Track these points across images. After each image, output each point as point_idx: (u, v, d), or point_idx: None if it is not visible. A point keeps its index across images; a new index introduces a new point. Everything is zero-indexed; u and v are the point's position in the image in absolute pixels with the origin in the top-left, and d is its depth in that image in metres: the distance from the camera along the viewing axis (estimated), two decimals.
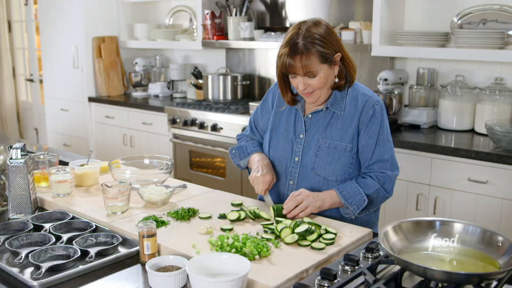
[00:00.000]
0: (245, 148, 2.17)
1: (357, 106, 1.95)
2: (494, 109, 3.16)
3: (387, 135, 1.97)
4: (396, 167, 1.98)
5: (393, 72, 3.48)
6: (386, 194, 1.97)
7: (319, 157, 1.97)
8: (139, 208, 2.00)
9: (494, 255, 1.40)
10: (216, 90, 4.45)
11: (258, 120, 2.20)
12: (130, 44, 5.11)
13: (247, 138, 2.24)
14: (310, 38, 1.82)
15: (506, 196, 2.75)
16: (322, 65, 1.85)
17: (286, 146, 2.04)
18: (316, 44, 1.82)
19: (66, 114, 5.31)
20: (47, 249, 1.61)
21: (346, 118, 1.96)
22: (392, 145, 1.99)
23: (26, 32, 6.46)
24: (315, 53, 1.82)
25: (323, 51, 1.83)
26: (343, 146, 1.95)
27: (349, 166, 1.96)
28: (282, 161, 2.05)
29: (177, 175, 4.32)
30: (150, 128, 4.54)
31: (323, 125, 1.98)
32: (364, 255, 1.54)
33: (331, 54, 1.86)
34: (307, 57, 1.82)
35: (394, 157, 1.99)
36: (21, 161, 1.94)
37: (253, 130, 2.23)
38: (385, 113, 1.97)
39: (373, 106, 1.94)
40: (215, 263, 1.44)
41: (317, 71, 1.85)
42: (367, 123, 1.93)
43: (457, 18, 3.36)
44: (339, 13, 3.91)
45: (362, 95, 1.97)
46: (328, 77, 1.88)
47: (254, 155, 2.11)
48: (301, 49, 1.81)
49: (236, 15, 4.25)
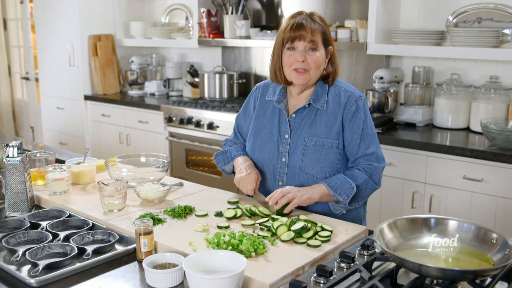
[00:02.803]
0: (228, 153, 2.18)
1: (340, 102, 1.98)
2: (489, 108, 3.17)
3: (371, 128, 2.00)
4: (382, 159, 2.01)
5: (388, 70, 3.50)
6: (375, 185, 1.99)
7: (306, 156, 1.98)
8: (136, 206, 2.01)
9: (489, 252, 1.41)
10: (212, 89, 4.45)
11: (241, 124, 2.22)
12: (126, 42, 5.11)
13: (231, 143, 2.25)
14: (315, 17, 1.95)
15: (501, 194, 2.77)
16: (322, 47, 1.94)
17: (272, 147, 2.05)
18: (320, 25, 1.94)
19: (62, 113, 5.30)
20: (44, 246, 1.61)
21: (330, 115, 1.98)
22: (376, 138, 2.02)
23: (21, 30, 6.44)
24: (320, 31, 1.93)
25: (326, 33, 1.96)
26: (329, 143, 1.97)
27: (336, 162, 1.98)
28: (269, 163, 2.06)
29: (173, 173, 4.33)
30: (146, 126, 4.54)
31: (307, 124, 2.00)
32: (360, 252, 1.55)
33: (329, 42, 1.96)
34: (313, 30, 1.92)
35: (380, 149, 2.02)
36: (17, 159, 1.95)
37: (236, 134, 2.25)
38: (367, 107, 2.01)
39: (356, 102, 1.97)
40: (211, 260, 1.45)
41: (319, 46, 1.94)
42: (351, 119, 1.96)
43: (453, 17, 3.37)
44: (334, 11, 3.92)
45: (344, 91, 2.00)
46: (322, 60, 1.96)
47: (237, 159, 2.13)
48: (309, 21, 1.93)
49: (232, 13, 4.25)
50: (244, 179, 2.00)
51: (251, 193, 2.01)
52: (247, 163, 2.07)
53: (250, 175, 2.00)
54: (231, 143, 2.25)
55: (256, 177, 2.01)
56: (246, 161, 2.09)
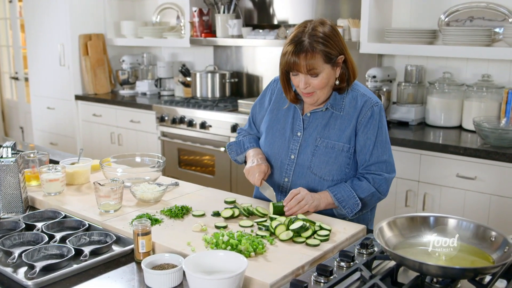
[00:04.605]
0: (242, 144, 2.17)
1: (356, 106, 1.95)
2: (481, 106, 3.19)
3: (386, 136, 1.97)
4: (393, 170, 1.99)
5: (381, 69, 3.50)
6: (381, 196, 1.97)
7: (316, 156, 1.97)
8: (132, 207, 2.00)
9: (488, 250, 1.42)
10: (204, 88, 4.44)
11: (256, 115, 2.20)
12: (117, 42, 5.08)
13: (245, 132, 2.24)
14: (316, 37, 1.83)
15: (494, 192, 2.78)
16: (326, 65, 1.86)
17: (282, 143, 2.04)
18: (321, 43, 1.82)
19: (53, 113, 5.26)
20: (40, 248, 1.60)
21: (344, 118, 1.96)
22: (390, 146, 1.99)
23: (10, 30, 6.38)
24: (320, 52, 1.82)
25: (328, 51, 1.84)
26: (340, 146, 1.95)
27: (345, 166, 1.97)
28: (277, 158, 2.05)
29: (165, 173, 4.30)
30: (138, 126, 4.52)
31: (321, 124, 1.98)
32: (359, 251, 1.55)
33: (335, 55, 1.86)
34: (312, 55, 1.82)
35: (392, 158, 1.99)
36: (11, 160, 1.92)
37: (251, 125, 2.23)
38: (383, 114, 1.98)
39: (372, 107, 1.94)
40: (211, 260, 1.44)
41: (320, 70, 1.85)
42: (365, 124, 1.93)
43: (445, 16, 3.39)
44: (326, 10, 3.92)
45: (362, 95, 1.97)
46: (329, 78, 1.89)
47: (250, 151, 2.12)
48: (306, 47, 1.82)
49: (224, 12, 4.24)
50: (254, 169, 1.99)
51: (258, 183, 1.99)
52: (259, 155, 2.06)
53: (261, 166, 1.99)
54: (245, 132, 2.24)
55: (265, 168, 2.00)
56: (259, 153, 2.09)
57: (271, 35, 3.92)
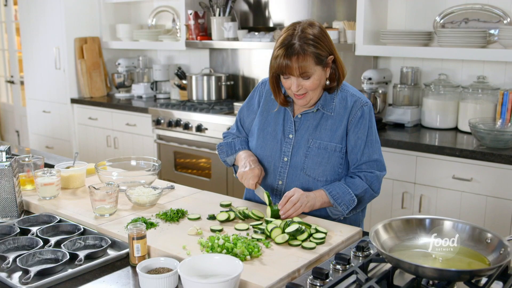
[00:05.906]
0: (233, 145, 2.16)
1: (346, 106, 1.96)
2: (477, 107, 3.19)
3: (375, 135, 1.99)
4: (384, 168, 2.01)
5: (377, 71, 3.51)
6: (373, 193, 1.99)
7: (309, 158, 1.97)
8: (127, 210, 1.99)
9: (484, 252, 1.42)
10: (200, 91, 4.43)
11: (244, 118, 2.19)
12: (112, 45, 5.07)
13: (233, 136, 2.23)
14: (306, 39, 1.83)
15: (490, 193, 2.79)
16: (317, 67, 1.86)
17: (275, 145, 2.04)
18: (312, 46, 1.83)
19: (48, 116, 5.25)
20: (35, 252, 1.59)
21: (335, 119, 1.97)
22: (380, 145, 2.02)
23: (6, 33, 6.37)
24: (311, 54, 1.83)
25: (318, 53, 1.84)
26: (332, 147, 1.96)
27: (338, 166, 1.98)
28: (270, 160, 2.05)
29: (161, 176, 4.30)
30: (134, 129, 4.51)
31: (312, 126, 1.98)
32: (355, 254, 1.55)
33: (325, 56, 1.87)
34: (303, 58, 1.82)
35: (382, 157, 2.01)
36: (6, 164, 1.92)
37: (239, 128, 2.22)
38: (373, 114, 2.00)
39: (362, 107, 1.96)
40: (207, 264, 1.44)
41: (312, 72, 1.85)
42: (356, 124, 1.95)
43: (440, 18, 3.39)
44: (321, 12, 3.92)
45: (351, 95, 1.98)
46: (321, 79, 1.90)
47: (240, 153, 2.11)
48: (297, 50, 1.82)
49: (220, 15, 4.24)
50: (247, 173, 1.98)
51: (252, 188, 1.99)
52: (251, 158, 2.05)
53: (254, 170, 1.99)
54: (233, 136, 2.22)
55: (259, 172, 2.00)
56: (250, 156, 2.07)
57: (266, 38, 3.92)
